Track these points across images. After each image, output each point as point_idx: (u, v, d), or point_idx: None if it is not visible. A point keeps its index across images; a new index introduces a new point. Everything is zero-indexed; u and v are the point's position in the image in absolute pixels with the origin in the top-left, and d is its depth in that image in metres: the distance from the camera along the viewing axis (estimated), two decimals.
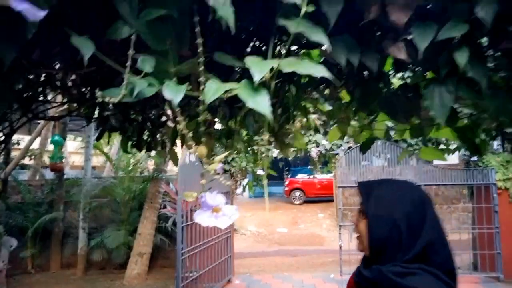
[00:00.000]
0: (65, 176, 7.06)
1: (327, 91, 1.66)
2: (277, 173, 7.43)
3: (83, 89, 2.25)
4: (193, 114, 2.21)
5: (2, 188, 5.15)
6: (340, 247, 5.50)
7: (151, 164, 7.49)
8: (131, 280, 5.84)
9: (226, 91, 0.66)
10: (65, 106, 2.88)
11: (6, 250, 5.01)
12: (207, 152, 0.72)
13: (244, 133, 2.54)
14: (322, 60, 1.30)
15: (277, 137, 2.01)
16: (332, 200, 13.57)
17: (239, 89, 0.67)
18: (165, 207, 6.58)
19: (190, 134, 2.03)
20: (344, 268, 5.50)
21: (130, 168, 6.83)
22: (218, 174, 0.68)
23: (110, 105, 2.52)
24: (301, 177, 15.47)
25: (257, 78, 0.64)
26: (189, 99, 1.31)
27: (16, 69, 1.22)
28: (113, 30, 0.69)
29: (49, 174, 7.86)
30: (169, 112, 2.23)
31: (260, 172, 5.94)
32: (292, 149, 2.68)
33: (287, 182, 15.41)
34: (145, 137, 2.48)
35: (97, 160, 12.60)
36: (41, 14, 0.51)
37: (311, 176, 14.98)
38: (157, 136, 2.53)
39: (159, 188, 6.36)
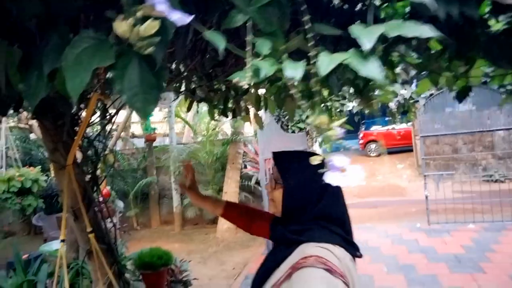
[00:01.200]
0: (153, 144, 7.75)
1: (414, 42, 1.61)
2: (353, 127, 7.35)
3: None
4: (273, 79, 2.29)
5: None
6: (426, 197, 5.37)
7: (226, 128, 7.85)
8: (223, 234, 6.40)
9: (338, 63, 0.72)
10: None
11: (117, 211, 5.79)
12: (327, 121, 0.80)
13: (325, 92, 2.57)
14: (409, 12, 1.27)
15: (362, 93, 2.01)
16: (410, 150, 13.05)
17: (349, 59, 0.73)
18: (245, 167, 6.95)
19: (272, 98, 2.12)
20: (431, 217, 5.39)
21: (209, 132, 7.25)
22: (340, 139, 0.76)
23: (195, 78, 2.71)
24: (376, 128, 14.96)
25: (368, 46, 0.69)
26: None
27: None
28: (229, 20, 0.78)
29: (138, 143, 8.68)
30: None
31: (336, 127, 5.88)
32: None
33: (361, 135, 15.04)
34: (229, 105, 2.64)
35: (176, 127, 13.50)
36: (188, 19, 0.62)
37: (387, 127, 14.40)
38: (241, 102, 2.67)
39: (239, 150, 6.70)
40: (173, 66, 2.01)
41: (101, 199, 2.95)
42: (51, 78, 0.75)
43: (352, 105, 5.61)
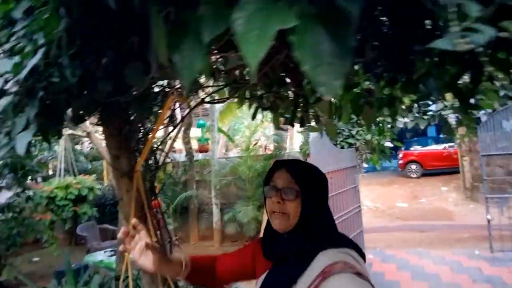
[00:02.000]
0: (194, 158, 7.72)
1: None
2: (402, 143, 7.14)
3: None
4: (350, 84, 2.13)
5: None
6: (489, 221, 4.95)
7: (267, 143, 7.72)
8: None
9: None
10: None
11: None
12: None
13: (405, 99, 2.39)
14: None
15: (463, 99, 1.82)
16: (454, 172, 12.40)
17: None
18: None
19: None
20: (494, 244, 4.96)
21: (250, 147, 7.15)
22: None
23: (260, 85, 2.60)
24: (416, 148, 14.40)
25: None
26: None
27: None
28: None
29: (178, 157, 8.70)
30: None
31: (387, 144, 5.63)
32: None
33: (401, 155, 14.49)
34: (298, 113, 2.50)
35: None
36: None
37: (429, 147, 13.86)
38: (310, 111, 2.52)
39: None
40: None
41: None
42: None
43: (404, 120, 5.36)
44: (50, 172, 4.90)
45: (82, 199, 3.29)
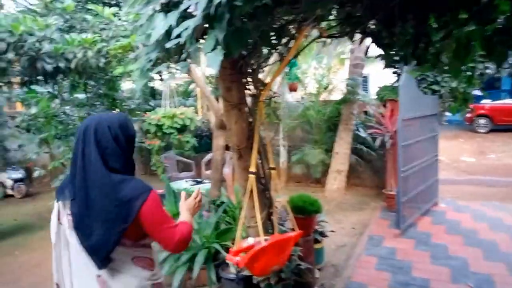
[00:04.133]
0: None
1: None
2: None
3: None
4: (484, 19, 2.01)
5: None
6: None
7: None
8: (331, 193, 6.36)
9: None
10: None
11: None
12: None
13: None
14: None
15: None
16: None
17: None
18: (357, 129, 6.70)
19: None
20: None
21: (320, 90, 7.08)
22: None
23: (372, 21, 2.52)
24: (486, 102, 13.44)
25: None
26: None
27: None
28: None
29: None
30: None
31: (476, 92, 5.33)
32: None
33: (469, 108, 13.59)
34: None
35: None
36: None
37: (501, 101, 12.90)
38: (430, 48, 2.43)
39: (353, 110, 6.46)
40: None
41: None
42: None
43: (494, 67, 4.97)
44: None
45: (184, 128, 3.53)
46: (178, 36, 1.38)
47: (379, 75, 5.57)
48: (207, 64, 1.30)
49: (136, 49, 2.14)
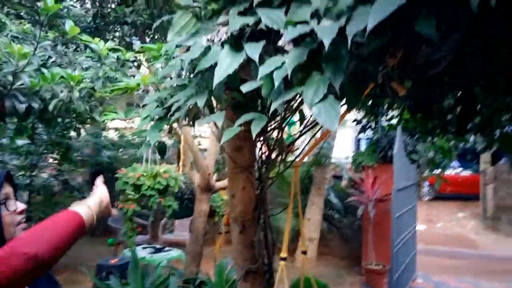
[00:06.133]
0: None
1: None
2: None
3: None
4: None
5: None
6: None
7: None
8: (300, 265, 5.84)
9: None
10: None
11: None
12: None
13: None
14: None
15: None
16: (469, 199, 12.28)
17: None
18: (328, 194, 6.44)
19: None
20: None
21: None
22: None
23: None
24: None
25: None
26: None
27: None
28: None
29: None
30: None
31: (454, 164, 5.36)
32: None
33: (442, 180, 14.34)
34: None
35: None
36: None
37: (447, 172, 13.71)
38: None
39: (326, 175, 6.23)
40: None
41: None
42: None
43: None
44: None
45: (166, 190, 2.92)
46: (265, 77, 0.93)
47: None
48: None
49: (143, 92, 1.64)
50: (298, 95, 1.10)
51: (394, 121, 3.40)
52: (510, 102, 1.91)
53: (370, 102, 2.82)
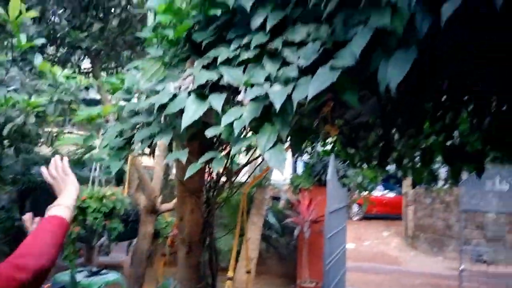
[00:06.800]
0: None
1: None
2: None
3: None
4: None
5: None
6: (462, 271, 5.39)
7: None
8: (241, 284, 5.97)
9: None
10: None
11: None
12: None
13: None
14: None
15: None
16: (394, 219, 13.42)
17: None
18: (267, 215, 6.71)
19: None
20: None
21: None
22: None
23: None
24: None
25: None
26: None
27: None
28: None
29: None
30: None
31: (379, 188, 5.94)
32: None
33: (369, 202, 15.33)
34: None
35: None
36: None
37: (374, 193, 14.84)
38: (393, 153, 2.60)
39: (266, 196, 6.51)
40: None
41: None
42: None
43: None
44: None
45: (112, 212, 2.91)
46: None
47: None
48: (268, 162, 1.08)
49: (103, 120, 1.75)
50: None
51: (328, 147, 3.79)
52: (418, 143, 2.32)
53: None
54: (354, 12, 1.04)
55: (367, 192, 5.96)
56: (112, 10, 2.69)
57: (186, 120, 1.22)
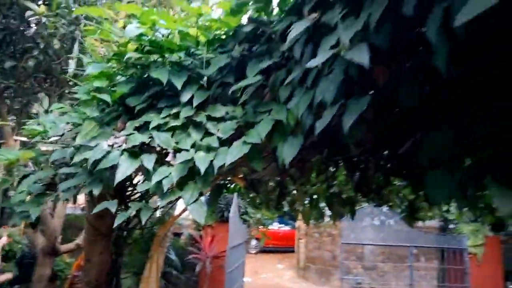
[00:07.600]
0: None
1: None
2: None
3: None
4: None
5: None
6: None
7: None
8: None
9: None
10: None
11: None
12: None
13: None
14: None
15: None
16: (287, 251, 14.31)
17: None
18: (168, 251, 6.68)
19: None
20: None
21: None
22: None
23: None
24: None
25: None
26: None
27: None
28: None
29: None
30: None
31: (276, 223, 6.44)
32: None
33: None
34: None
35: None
36: None
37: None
38: (287, 197, 3.05)
39: (168, 232, 6.51)
40: None
41: None
42: None
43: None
44: None
45: (7, 255, 2.68)
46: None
47: None
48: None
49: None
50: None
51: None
52: (307, 190, 2.81)
53: None
54: (261, 103, 1.41)
55: (264, 227, 6.42)
56: (31, 51, 2.67)
57: (119, 176, 1.42)
